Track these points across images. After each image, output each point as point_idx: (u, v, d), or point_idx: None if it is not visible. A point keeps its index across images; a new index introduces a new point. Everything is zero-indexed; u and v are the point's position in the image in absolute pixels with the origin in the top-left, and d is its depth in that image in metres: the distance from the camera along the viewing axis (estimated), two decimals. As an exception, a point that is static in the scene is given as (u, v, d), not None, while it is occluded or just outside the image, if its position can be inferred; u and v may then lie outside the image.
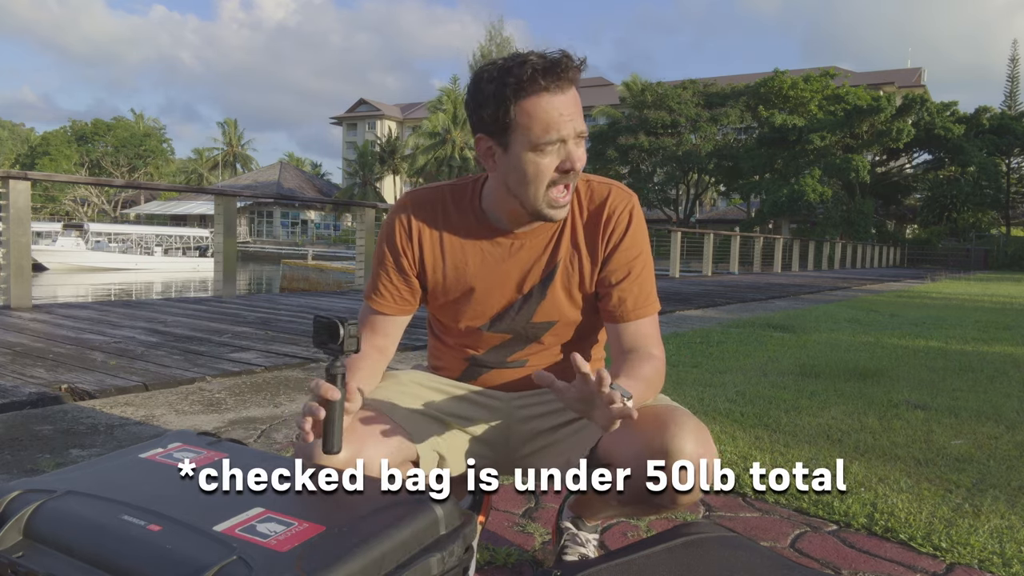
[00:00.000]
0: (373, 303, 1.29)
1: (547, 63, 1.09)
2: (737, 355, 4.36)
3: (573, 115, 1.11)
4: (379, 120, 67.48)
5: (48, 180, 6.90)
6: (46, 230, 28.42)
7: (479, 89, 1.13)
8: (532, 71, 1.08)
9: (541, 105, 1.09)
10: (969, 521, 1.76)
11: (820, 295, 11.05)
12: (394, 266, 1.28)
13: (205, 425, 2.48)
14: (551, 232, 1.25)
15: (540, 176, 1.14)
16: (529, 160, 1.12)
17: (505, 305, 1.27)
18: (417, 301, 1.31)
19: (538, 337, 1.29)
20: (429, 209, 1.28)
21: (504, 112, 1.10)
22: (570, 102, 1.11)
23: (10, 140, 71.38)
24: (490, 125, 1.13)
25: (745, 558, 1.07)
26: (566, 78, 1.10)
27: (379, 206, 9.14)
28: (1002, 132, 36.83)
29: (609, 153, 40.70)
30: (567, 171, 1.13)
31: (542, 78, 1.08)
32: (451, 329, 1.33)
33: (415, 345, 4.04)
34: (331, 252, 28.20)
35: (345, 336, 0.99)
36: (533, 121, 1.10)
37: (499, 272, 1.25)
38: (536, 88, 1.08)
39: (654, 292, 1.27)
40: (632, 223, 1.25)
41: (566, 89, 1.10)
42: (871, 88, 41.54)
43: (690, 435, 1.07)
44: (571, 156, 1.12)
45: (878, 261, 31.12)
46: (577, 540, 1.38)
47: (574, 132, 1.12)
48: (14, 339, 4.03)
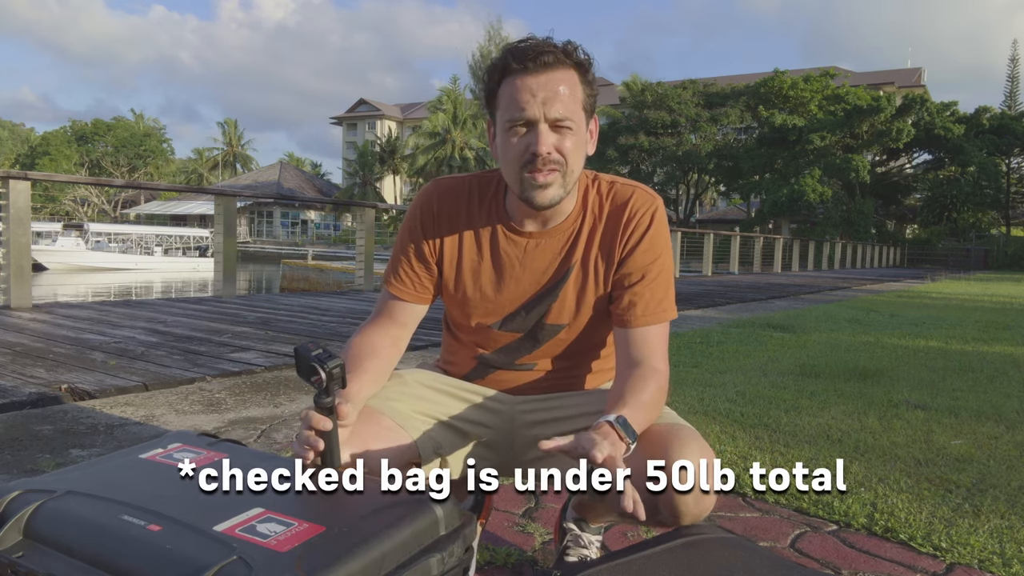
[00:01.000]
0: (393, 288, 1.29)
1: (523, 46, 1.12)
2: (737, 355, 4.36)
3: (546, 98, 1.11)
4: (379, 120, 67.49)
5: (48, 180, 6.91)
6: (46, 230, 28.42)
7: (483, 78, 1.19)
8: (506, 52, 1.13)
9: (513, 84, 1.12)
10: (969, 521, 1.76)
11: (820, 295, 11.06)
12: (415, 252, 1.27)
13: (205, 425, 2.48)
14: (568, 233, 1.24)
15: (510, 157, 1.14)
16: (505, 140, 1.15)
17: (517, 305, 1.26)
18: (435, 290, 1.31)
19: (548, 340, 1.28)
20: (454, 200, 1.28)
21: (491, 92, 1.16)
22: (543, 84, 1.11)
23: (10, 140, 71.38)
24: (488, 107, 1.19)
25: (745, 558, 1.07)
26: (540, 61, 1.11)
27: (379, 206, 9.15)
28: (1002, 132, 36.82)
29: (609, 153, 40.69)
30: (533, 154, 1.12)
31: (513, 59, 1.12)
32: (463, 325, 1.33)
33: (416, 345, 4.04)
34: (331, 252, 28.16)
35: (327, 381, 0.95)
36: (505, 99, 1.14)
37: (514, 271, 1.25)
38: (509, 69, 1.13)
39: (669, 299, 1.24)
40: (653, 226, 1.23)
41: (540, 71, 1.11)
42: (871, 88, 41.53)
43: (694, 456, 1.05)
44: (537, 140, 1.12)
45: (878, 261, 31.11)
46: (580, 541, 1.37)
47: (542, 113, 1.11)
48: (14, 339, 4.03)
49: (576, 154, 1.16)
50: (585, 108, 1.16)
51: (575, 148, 1.15)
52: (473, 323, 1.30)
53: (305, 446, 0.98)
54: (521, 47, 1.12)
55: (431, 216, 1.27)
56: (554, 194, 1.16)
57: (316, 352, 0.96)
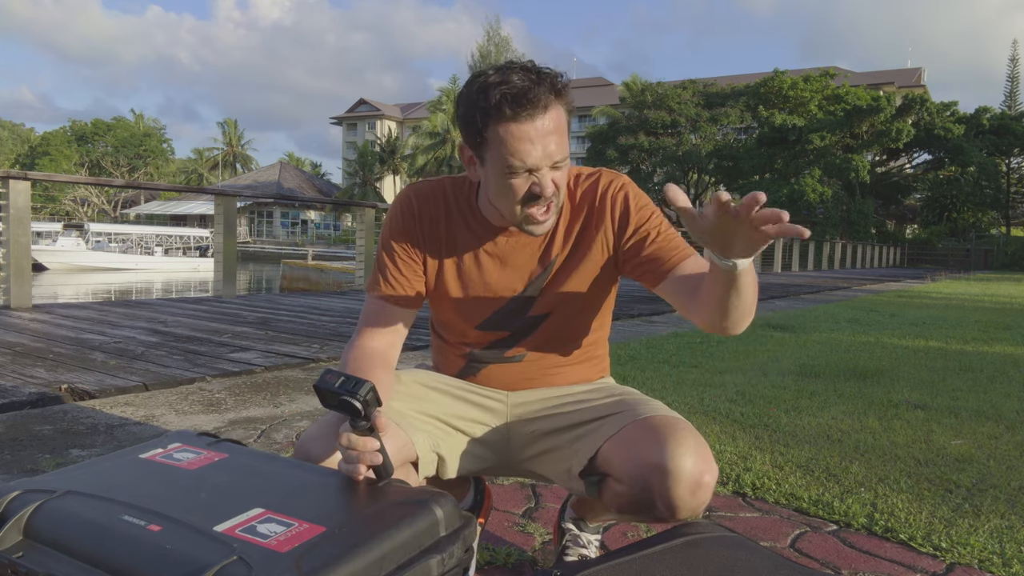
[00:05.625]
0: (381, 295, 1.28)
1: (515, 91, 1.07)
2: (737, 355, 4.36)
3: (546, 143, 1.09)
4: (379, 120, 67.53)
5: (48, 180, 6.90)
6: (46, 230, 28.44)
7: (459, 105, 1.14)
8: (500, 97, 1.07)
9: (510, 131, 1.08)
10: (969, 521, 1.76)
11: (820, 295, 11.05)
12: (401, 256, 1.28)
13: (205, 425, 2.48)
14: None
15: (512, 196, 1.14)
16: (499, 180, 1.13)
17: (502, 301, 1.27)
18: (425, 292, 1.31)
19: (534, 330, 1.29)
20: (433, 202, 1.28)
21: (478, 132, 1.12)
22: (541, 130, 1.09)
23: (10, 140, 71.37)
24: (467, 139, 1.15)
25: (745, 558, 1.07)
26: (538, 105, 1.08)
27: (379, 206, 9.14)
28: (1002, 132, 36.86)
29: (609, 153, 40.73)
30: (537, 196, 1.13)
31: (508, 107, 1.07)
32: (449, 325, 1.33)
33: (415, 345, 4.04)
34: (331, 252, 28.17)
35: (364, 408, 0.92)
36: (501, 146, 1.10)
37: (496, 267, 1.26)
38: (502, 116, 1.08)
39: (685, 241, 1.26)
40: (630, 194, 1.26)
41: (536, 116, 1.08)
42: (871, 88, 41.55)
43: (689, 452, 1.06)
44: (541, 183, 1.12)
45: (878, 261, 31.11)
46: (579, 541, 1.37)
47: (545, 161, 1.10)
48: (14, 339, 4.03)
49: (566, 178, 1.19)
50: (568, 131, 1.17)
51: (566, 174, 1.18)
52: (459, 322, 1.31)
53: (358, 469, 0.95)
54: (513, 93, 1.07)
55: (413, 219, 1.28)
56: (551, 224, 1.20)
57: (340, 383, 0.92)
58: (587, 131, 45.94)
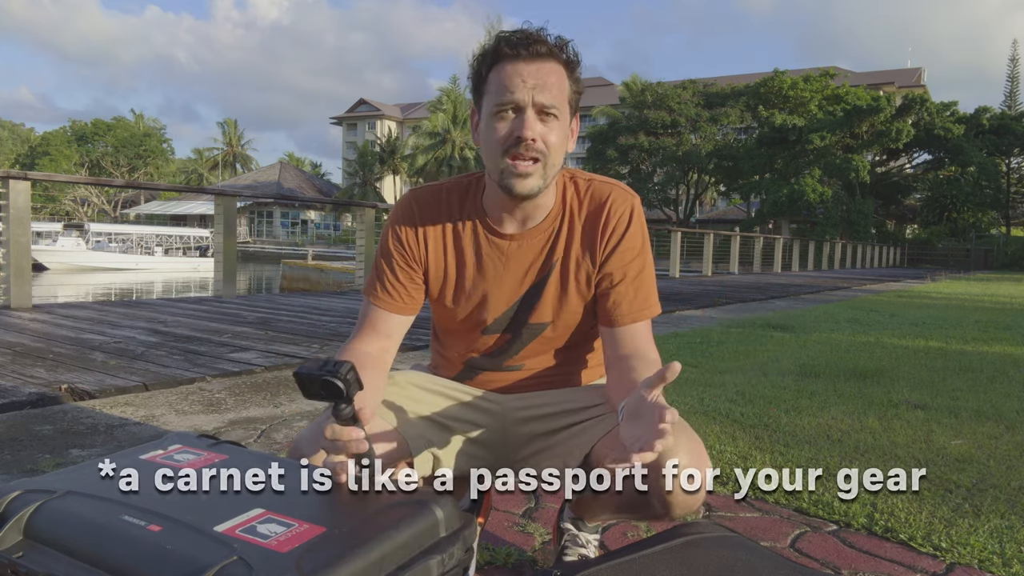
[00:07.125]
0: (377, 300, 1.27)
1: (516, 35, 1.14)
2: (737, 355, 4.36)
3: (536, 85, 1.12)
4: (379, 120, 67.51)
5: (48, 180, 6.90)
6: (46, 230, 28.42)
7: (471, 67, 1.19)
8: (501, 40, 1.14)
9: (504, 69, 1.13)
10: (969, 521, 1.76)
11: (820, 295, 11.05)
12: (400, 263, 1.27)
13: (205, 425, 2.48)
14: (548, 233, 1.25)
15: (493, 141, 1.15)
16: (490, 124, 1.15)
17: (502, 307, 1.27)
18: (422, 299, 1.30)
19: (533, 339, 1.28)
20: (433, 207, 1.28)
21: (480, 78, 1.17)
22: (534, 71, 1.12)
23: (10, 140, 71.36)
24: (474, 94, 1.19)
25: (745, 558, 1.07)
26: (533, 50, 1.12)
27: (379, 206, 9.14)
28: (1002, 132, 36.85)
29: (609, 153, 40.74)
30: (518, 138, 1.12)
31: (506, 45, 1.13)
32: (449, 330, 1.33)
33: (415, 345, 4.04)
34: (331, 252, 28.18)
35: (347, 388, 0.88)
36: (494, 84, 1.14)
37: (497, 274, 1.25)
38: (501, 55, 1.14)
39: (653, 295, 1.26)
40: (632, 225, 1.24)
41: (532, 60, 1.13)
42: (871, 88, 41.55)
43: (683, 448, 1.06)
44: (523, 124, 1.12)
45: (878, 261, 31.11)
46: (577, 541, 1.37)
47: (532, 100, 1.12)
48: (14, 339, 4.03)
49: (558, 148, 1.16)
50: (570, 103, 1.17)
51: (558, 142, 1.16)
52: (459, 327, 1.30)
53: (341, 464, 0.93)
54: (514, 34, 1.14)
55: (412, 225, 1.27)
56: (533, 184, 1.16)
57: (321, 365, 0.89)
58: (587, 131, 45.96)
